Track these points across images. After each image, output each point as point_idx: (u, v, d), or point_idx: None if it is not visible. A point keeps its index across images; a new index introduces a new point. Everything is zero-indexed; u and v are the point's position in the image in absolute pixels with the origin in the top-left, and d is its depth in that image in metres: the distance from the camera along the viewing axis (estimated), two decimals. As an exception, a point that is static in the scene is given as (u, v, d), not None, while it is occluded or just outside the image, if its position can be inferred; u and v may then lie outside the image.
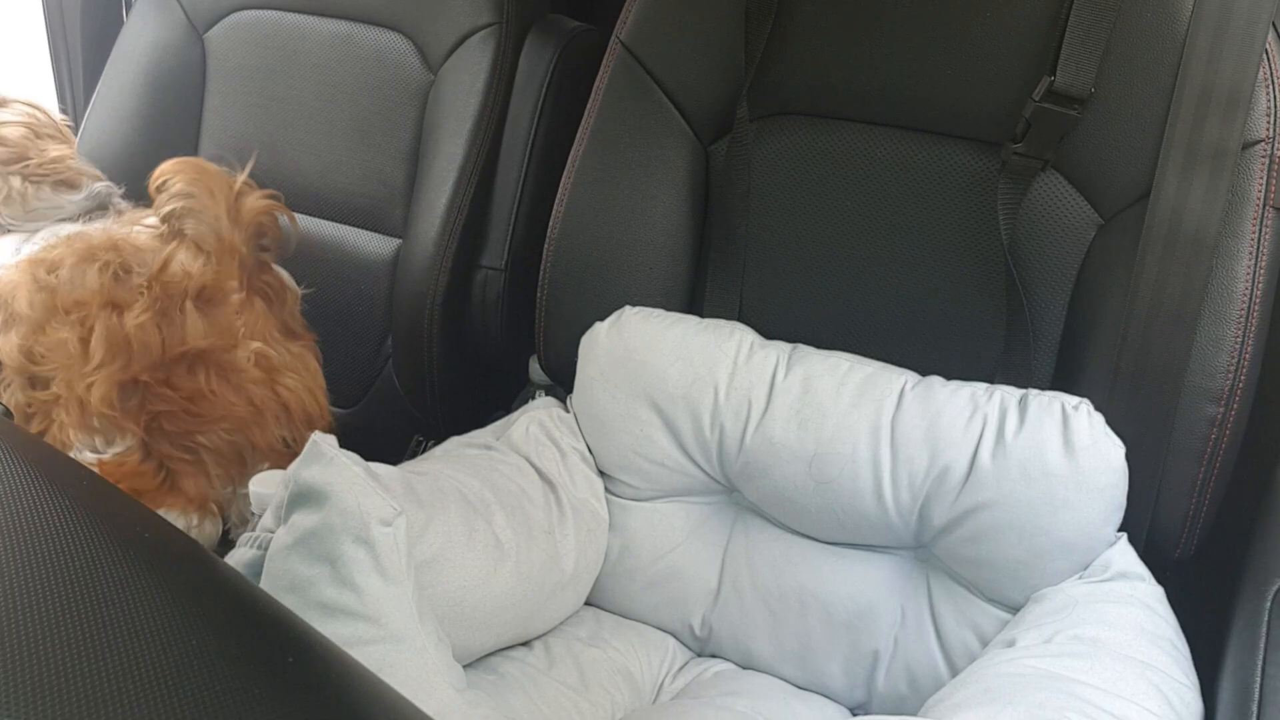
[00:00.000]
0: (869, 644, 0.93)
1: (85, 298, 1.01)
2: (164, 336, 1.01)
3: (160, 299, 1.02)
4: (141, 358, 1.00)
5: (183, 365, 1.03)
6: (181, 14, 1.43)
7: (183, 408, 1.02)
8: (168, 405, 1.01)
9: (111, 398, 0.99)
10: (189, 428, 1.03)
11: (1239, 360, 0.86)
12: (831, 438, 0.92)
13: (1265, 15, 0.84)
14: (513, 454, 1.00)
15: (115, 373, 0.99)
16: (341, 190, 1.34)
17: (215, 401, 1.03)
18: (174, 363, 1.02)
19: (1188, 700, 0.75)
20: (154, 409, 1.01)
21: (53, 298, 1.01)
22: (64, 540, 0.38)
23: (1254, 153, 0.86)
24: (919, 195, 0.99)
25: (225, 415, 1.04)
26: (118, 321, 1.00)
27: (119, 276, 1.03)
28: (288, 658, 0.36)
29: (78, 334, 1.00)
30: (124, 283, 1.02)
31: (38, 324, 1.02)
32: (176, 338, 1.02)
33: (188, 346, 1.03)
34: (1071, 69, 0.90)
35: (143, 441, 1.01)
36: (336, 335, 1.36)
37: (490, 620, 0.87)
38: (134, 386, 1.00)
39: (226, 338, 1.06)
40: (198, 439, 1.03)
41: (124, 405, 1.00)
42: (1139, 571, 0.86)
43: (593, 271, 1.08)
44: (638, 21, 1.08)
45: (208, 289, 1.05)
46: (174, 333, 1.02)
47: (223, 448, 1.05)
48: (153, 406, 1.01)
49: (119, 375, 0.99)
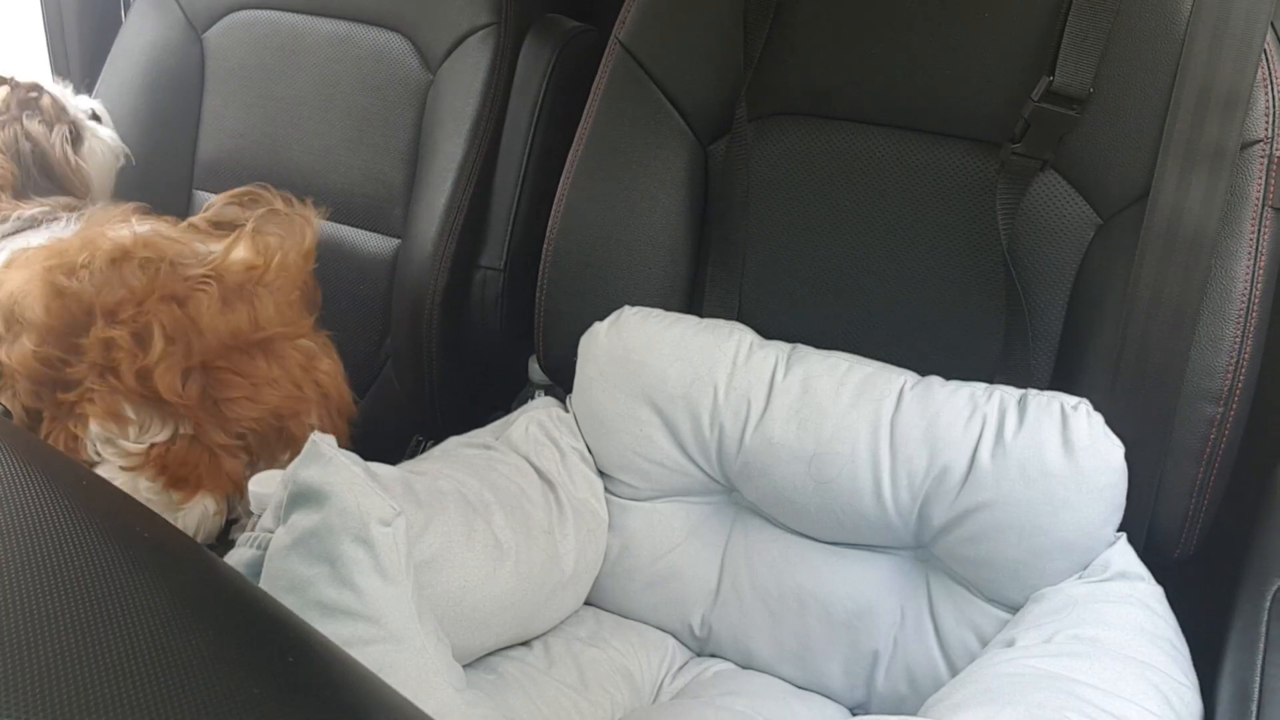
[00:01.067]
0: (868, 644, 0.93)
1: (128, 295, 1.02)
2: (231, 323, 1.04)
3: (225, 287, 1.05)
4: (207, 344, 1.02)
5: (242, 352, 1.05)
6: (180, 14, 1.43)
7: (246, 394, 1.04)
8: (236, 391, 1.03)
9: (176, 385, 1.00)
10: (250, 413, 1.05)
11: (1238, 360, 0.86)
12: (831, 438, 0.92)
13: (1264, 15, 0.84)
14: (512, 454, 1.00)
15: (179, 360, 1.01)
16: (340, 190, 1.34)
17: (275, 386, 1.06)
18: (236, 349, 1.04)
19: (1187, 700, 0.75)
20: (219, 394, 1.03)
21: (80, 302, 1.02)
22: (63, 540, 0.38)
23: (1253, 152, 0.86)
24: (918, 195, 0.99)
25: (281, 401, 1.06)
26: (180, 312, 1.02)
27: (167, 270, 1.04)
28: (287, 658, 0.36)
29: (130, 330, 1.01)
30: (174, 275, 1.04)
31: (57, 330, 1.02)
32: (245, 324, 1.05)
33: (260, 334, 1.05)
34: (1070, 69, 0.90)
35: (196, 426, 1.03)
36: (336, 335, 1.35)
37: (490, 620, 0.87)
38: (197, 372, 1.02)
39: (293, 324, 1.09)
40: (248, 423, 1.05)
41: (187, 391, 1.02)
42: (1138, 571, 0.86)
43: (592, 271, 1.08)
44: (636, 21, 1.08)
45: (273, 277, 1.09)
46: (240, 319, 1.05)
47: (269, 433, 1.07)
48: (216, 392, 1.03)
49: (183, 362, 1.01)
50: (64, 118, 1.26)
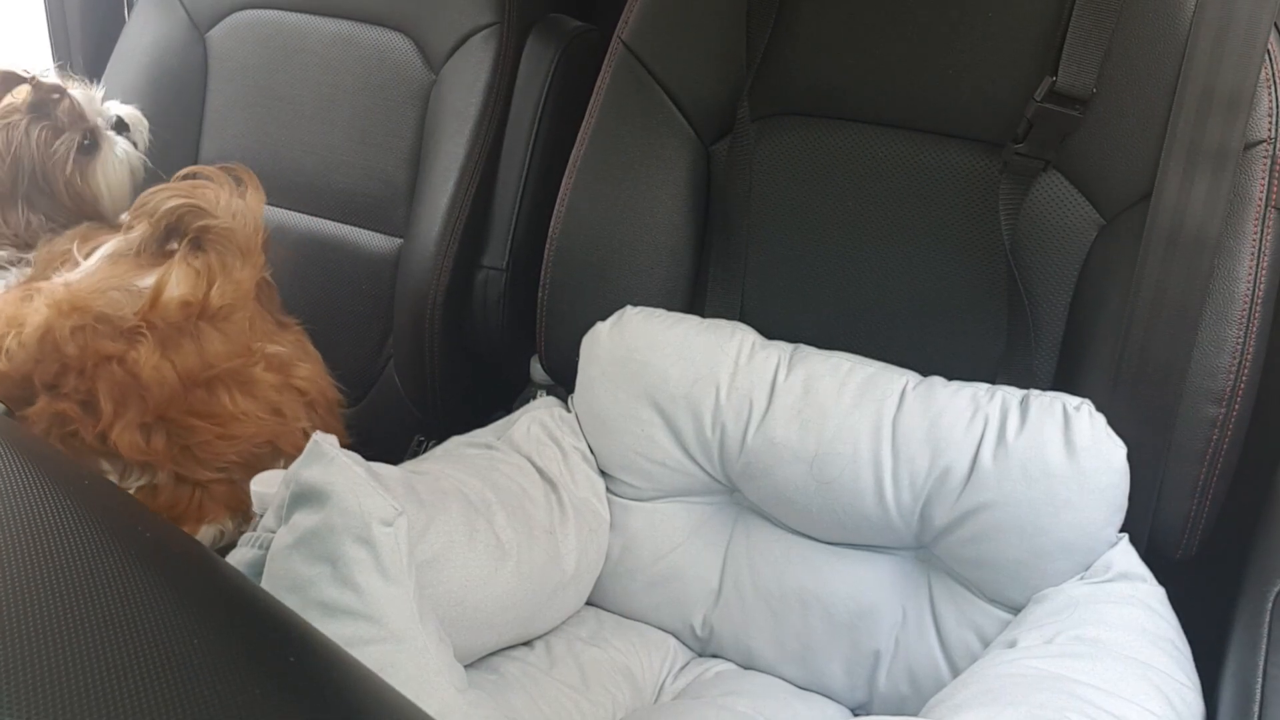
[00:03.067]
0: (870, 644, 0.93)
1: (64, 367, 0.96)
2: (178, 369, 0.98)
3: (163, 332, 0.99)
4: (158, 396, 0.97)
5: (202, 390, 1.00)
6: (183, 13, 1.43)
7: (216, 434, 1.00)
8: (203, 435, 0.99)
9: (139, 442, 0.97)
10: (225, 451, 1.01)
11: (1240, 361, 0.86)
12: (833, 438, 0.92)
13: (1267, 15, 0.84)
14: (514, 454, 1.00)
15: (134, 419, 0.97)
16: (343, 189, 1.34)
17: (245, 420, 1.02)
18: (197, 388, 0.99)
19: (1189, 701, 0.75)
20: (186, 441, 0.99)
21: (17, 379, 0.97)
22: (65, 540, 0.38)
23: (1256, 153, 0.86)
24: (920, 196, 0.99)
25: (256, 431, 1.02)
26: (121, 371, 0.97)
27: (97, 330, 0.98)
28: (289, 658, 0.36)
29: (75, 400, 0.96)
30: (107, 332, 0.98)
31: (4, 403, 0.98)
32: (194, 365, 0.99)
33: (211, 371, 1.00)
34: (1073, 69, 0.90)
35: (174, 473, 0.99)
36: (337, 335, 1.36)
37: (491, 620, 0.87)
38: (158, 424, 0.98)
39: (244, 353, 1.03)
40: (229, 458, 1.02)
41: (151, 446, 0.98)
42: (1140, 572, 0.86)
43: (594, 271, 1.08)
44: (639, 21, 1.08)
45: (215, 307, 1.02)
46: (188, 360, 0.99)
47: (252, 461, 1.03)
48: (183, 440, 0.99)
49: (139, 419, 0.97)
50: (79, 125, 1.18)
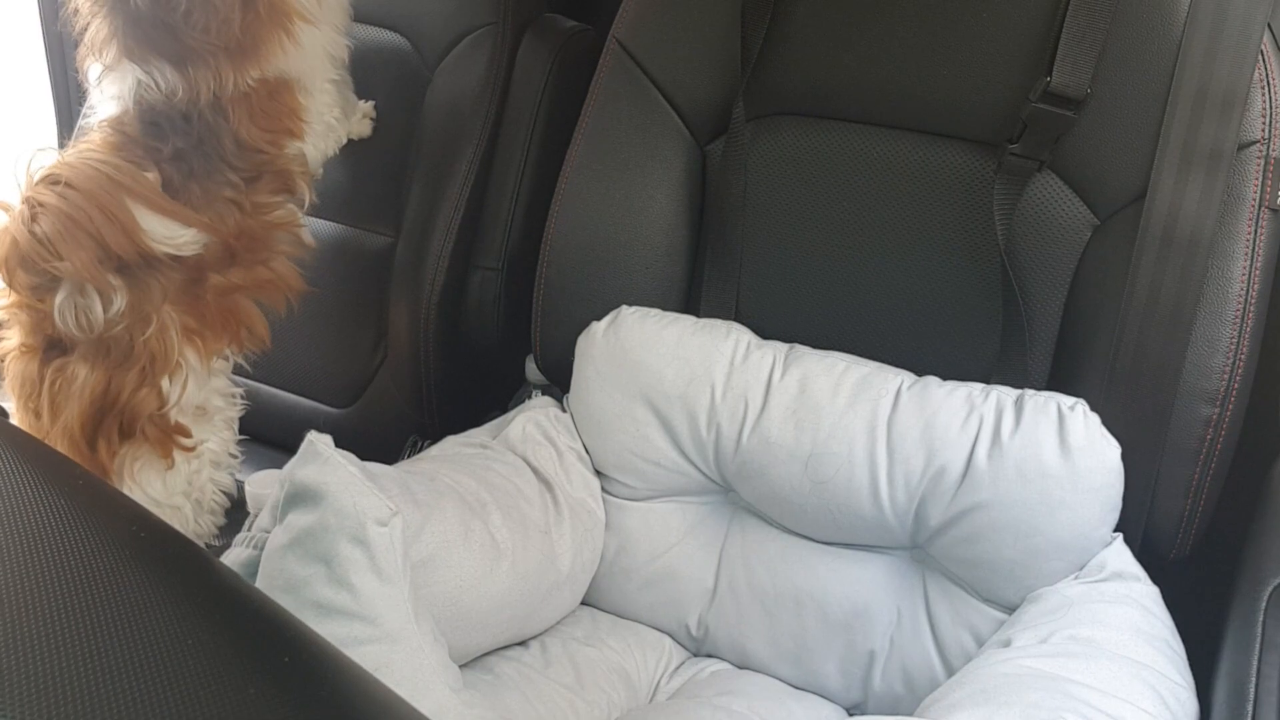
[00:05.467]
0: (865, 644, 0.93)
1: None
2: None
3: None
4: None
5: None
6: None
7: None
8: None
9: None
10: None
11: (1234, 361, 0.86)
12: (828, 438, 0.92)
13: (1260, 16, 0.85)
14: (509, 453, 1.00)
15: (86, 406, 1.01)
16: (338, 189, 1.34)
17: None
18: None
19: (1183, 700, 0.76)
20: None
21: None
22: (60, 539, 0.38)
23: (1249, 153, 0.86)
24: (915, 196, 0.99)
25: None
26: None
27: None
28: (283, 657, 0.36)
29: (31, 409, 1.00)
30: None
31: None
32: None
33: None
34: (1067, 70, 0.90)
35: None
36: (332, 334, 1.36)
37: (487, 620, 0.87)
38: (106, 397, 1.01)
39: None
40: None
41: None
42: (1134, 572, 0.86)
43: (589, 271, 1.08)
44: (634, 21, 1.08)
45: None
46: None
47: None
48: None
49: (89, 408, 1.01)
50: None
